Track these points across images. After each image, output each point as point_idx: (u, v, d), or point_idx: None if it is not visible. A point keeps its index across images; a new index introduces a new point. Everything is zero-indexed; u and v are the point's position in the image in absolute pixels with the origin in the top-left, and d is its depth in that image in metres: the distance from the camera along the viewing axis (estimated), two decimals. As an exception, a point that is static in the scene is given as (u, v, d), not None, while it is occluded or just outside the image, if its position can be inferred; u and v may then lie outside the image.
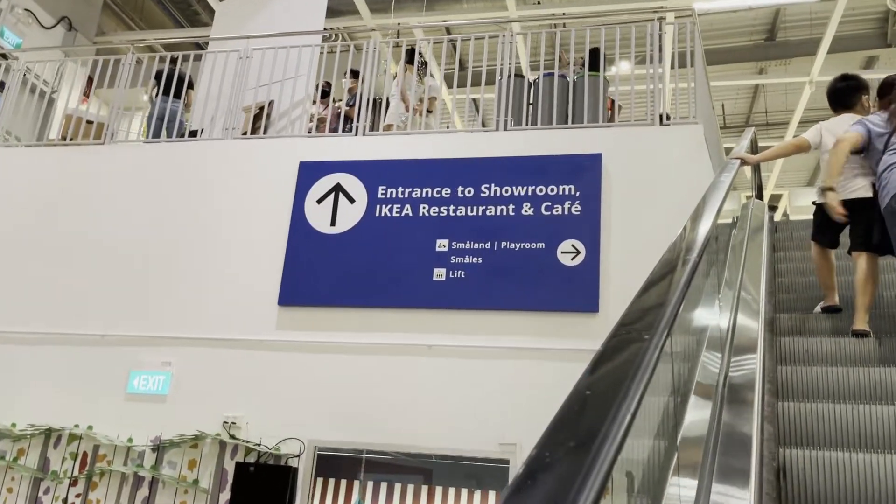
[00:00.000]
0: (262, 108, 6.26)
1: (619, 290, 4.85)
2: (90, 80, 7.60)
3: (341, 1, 10.56)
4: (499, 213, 5.17)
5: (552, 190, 5.15)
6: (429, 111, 6.71)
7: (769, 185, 15.05)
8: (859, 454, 2.25)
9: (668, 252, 2.13)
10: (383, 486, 6.80)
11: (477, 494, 6.58)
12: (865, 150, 3.73)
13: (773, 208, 17.43)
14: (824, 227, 4.00)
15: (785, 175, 15.15)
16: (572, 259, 4.94)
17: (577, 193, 5.10)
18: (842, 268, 4.28)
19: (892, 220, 3.48)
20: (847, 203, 3.69)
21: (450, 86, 9.58)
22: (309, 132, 6.16)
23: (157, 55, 7.05)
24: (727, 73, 12.50)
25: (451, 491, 6.57)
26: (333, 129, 6.41)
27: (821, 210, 3.95)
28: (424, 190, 5.33)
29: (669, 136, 5.25)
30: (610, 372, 1.08)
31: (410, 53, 6.76)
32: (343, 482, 4.83)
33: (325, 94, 7.24)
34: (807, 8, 11.11)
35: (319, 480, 4.97)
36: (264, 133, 6.28)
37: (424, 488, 6.66)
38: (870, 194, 3.71)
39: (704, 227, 2.48)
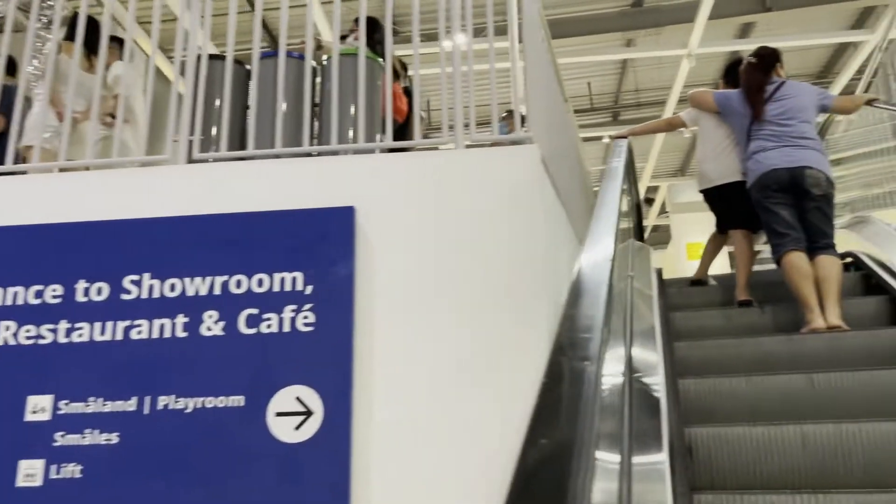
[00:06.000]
0: None
1: (392, 486, 2.44)
2: None
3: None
4: (157, 336, 2.60)
5: (261, 283, 2.63)
6: (112, 116, 4.00)
7: (644, 176, 13.24)
8: (757, 428, 2.25)
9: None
10: None
11: None
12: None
13: (649, 201, 15.78)
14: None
15: (661, 163, 13.41)
16: (297, 427, 2.47)
17: (310, 289, 2.61)
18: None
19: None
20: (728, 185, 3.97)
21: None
22: None
23: None
24: (591, 47, 10.42)
25: None
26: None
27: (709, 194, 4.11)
28: (11, 292, 2.67)
29: (483, 168, 2.84)
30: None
31: (74, 21, 4.00)
32: None
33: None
34: (680, -36, 9.14)
35: None
36: None
37: None
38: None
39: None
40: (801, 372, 2.68)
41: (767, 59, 3.85)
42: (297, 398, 2.49)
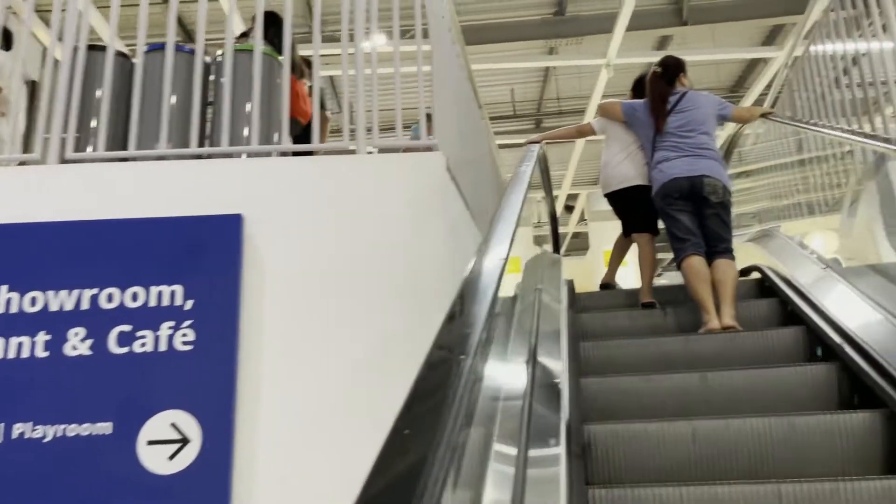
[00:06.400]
0: None
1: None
2: None
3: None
4: (13, 356, 2.32)
5: (135, 298, 2.39)
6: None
7: (564, 184, 13.38)
8: (652, 424, 2.27)
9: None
10: None
11: None
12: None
13: (569, 209, 15.96)
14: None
15: (581, 171, 13.56)
16: (171, 457, 2.24)
17: (190, 304, 2.39)
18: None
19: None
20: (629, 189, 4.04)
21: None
22: None
23: None
24: (514, 54, 10.42)
25: None
26: None
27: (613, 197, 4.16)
28: None
29: (385, 174, 2.69)
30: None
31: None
32: None
33: None
34: (600, -25, 9.23)
35: None
36: None
37: None
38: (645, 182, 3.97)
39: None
40: (696, 371, 2.73)
41: (671, 70, 3.95)
42: (173, 424, 2.26)
